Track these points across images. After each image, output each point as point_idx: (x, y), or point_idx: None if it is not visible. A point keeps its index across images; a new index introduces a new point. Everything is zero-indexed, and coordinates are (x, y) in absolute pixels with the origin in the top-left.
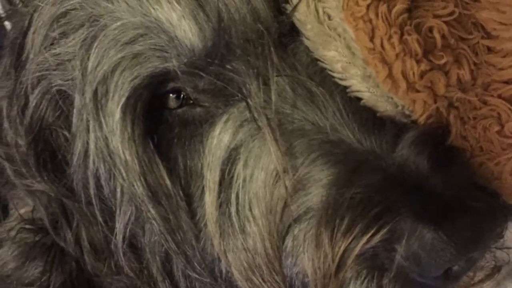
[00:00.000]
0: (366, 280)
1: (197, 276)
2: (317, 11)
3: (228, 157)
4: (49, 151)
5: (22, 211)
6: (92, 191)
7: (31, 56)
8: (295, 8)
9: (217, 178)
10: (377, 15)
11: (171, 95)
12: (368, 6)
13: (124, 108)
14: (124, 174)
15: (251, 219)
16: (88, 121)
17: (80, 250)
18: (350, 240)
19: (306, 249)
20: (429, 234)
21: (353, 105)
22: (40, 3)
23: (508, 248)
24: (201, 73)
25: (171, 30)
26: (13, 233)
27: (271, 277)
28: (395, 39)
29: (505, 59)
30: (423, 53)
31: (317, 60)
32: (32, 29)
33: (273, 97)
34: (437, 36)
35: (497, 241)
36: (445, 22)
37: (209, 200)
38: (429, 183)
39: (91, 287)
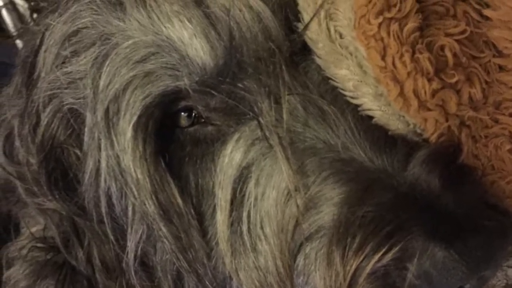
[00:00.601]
0: None
1: None
2: (328, 29)
3: (240, 175)
4: (60, 170)
5: (33, 229)
6: (103, 209)
7: (42, 74)
8: (306, 26)
9: (228, 197)
10: (388, 33)
11: (182, 113)
12: (379, 25)
13: (135, 127)
14: (135, 193)
15: (262, 237)
16: (99, 139)
17: (91, 269)
18: (361, 258)
19: (317, 267)
20: (441, 252)
21: (364, 123)
22: (51, 22)
23: None
24: (213, 92)
25: (182, 48)
26: (24, 251)
27: None
28: (407, 57)
29: None
30: (434, 72)
31: (329, 78)
32: (43, 48)
33: (284, 116)
34: (449, 54)
35: (509, 259)
36: (456, 40)
37: (221, 218)
38: (441, 202)
39: None
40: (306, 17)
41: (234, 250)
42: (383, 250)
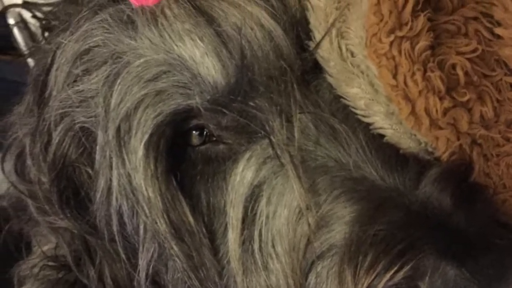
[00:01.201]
0: None
1: None
2: (340, 48)
3: (251, 194)
4: (72, 188)
5: (45, 248)
6: (115, 228)
7: (54, 93)
8: (318, 45)
9: (240, 215)
10: (400, 52)
11: (194, 132)
12: (391, 43)
13: (147, 145)
14: (147, 211)
15: (274, 256)
16: (111, 158)
17: (103, 287)
18: (373, 277)
19: (329, 286)
20: (452, 271)
21: (376, 142)
22: (63, 40)
23: None
24: (224, 110)
25: (194, 67)
26: (36, 270)
27: None
28: (418, 76)
29: None
30: (446, 90)
31: (340, 97)
32: (55, 66)
33: (296, 134)
34: (460, 73)
35: None
36: (468, 59)
37: (232, 237)
38: (452, 220)
39: None
40: (317, 35)
41: (245, 268)
42: (395, 268)
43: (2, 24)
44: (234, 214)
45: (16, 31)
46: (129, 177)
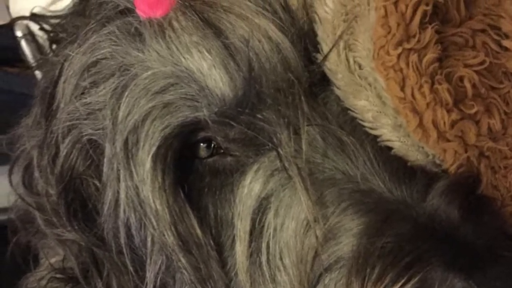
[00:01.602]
0: None
1: None
2: (348, 60)
3: (259, 206)
4: (79, 201)
5: (52, 260)
6: (122, 240)
7: (61, 105)
8: (325, 57)
9: (248, 228)
10: (407, 64)
11: (201, 144)
12: (399, 56)
13: (154, 158)
14: (154, 224)
15: (281, 268)
16: (118, 170)
17: None
18: None
19: None
20: (460, 283)
21: (383, 154)
22: (70, 53)
23: None
24: (232, 123)
25: (201, 79)
26: (43, 282)
27: None
28: (426, 88)
29: None
30: (453, 103)
31: (348, 109)
32: (62, 79)
33: (303, 147)
34: (468, 85)
35: None
36: (475, 71)
37: (240, 249)
38: (460, 233)
39: None
40: (325, 47)
41: (253, 281)
42: (402, 281)
43: (9, 36)
44: (241, 227)
45: (23, 43)
46: (136, 189)
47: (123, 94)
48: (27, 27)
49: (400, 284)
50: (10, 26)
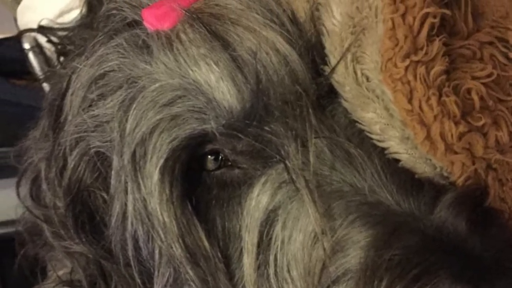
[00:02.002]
0: None
1: None
2: (355, 72)
3: (267, 218)
4: (87, 213)
5: (60, 272)
6: (130, 252)
7: (69, 117)
8: (333, 69)
9: (255, 240)
10: (415, 76)
11: (209, 156)
12: (406, 68)
13: (162, 170)
14: (162, 236)
15: (289, 280)
16: (126, 182)
17: None
18: None
19: None
20: None
21: (391, 166)
22: (78, 65)
23: None
24: (240, 135)
25: (209, 91)
26: None
27: None
28: (434, 100)
29: None
30: (461, 115)
31: (355, 121)
32: (70, 91)
33: (311, 159)
34: (475, 97)
35: None
36: (483, 83)
37: (248, 262)
38: (468, 245)
39: None
40: (332, 60)
41: None
42: None
43: (17, 48)
44: (249, 239)
45: (31, 55)
46: (144, 201)
47: (131, 106)
48: (35, 40)
49: None
50: (17, 39)
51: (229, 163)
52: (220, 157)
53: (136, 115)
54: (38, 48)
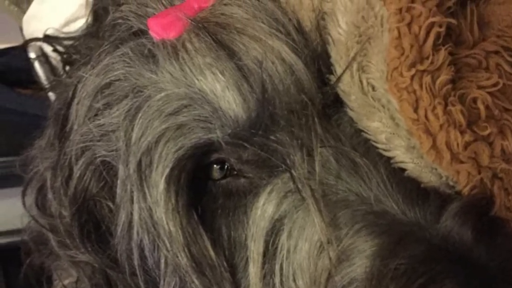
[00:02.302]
0: None
1: None
2: (361, 82)
3: (272, 228)
4: (93, 222)
5: (66, 282)
6: (136, 261)
7: (75, 127)
8: (339, 79)
9: (261, 249)
10: (421, 86)
11: (215, 166)
12: (412, 77)
13: (168, 179)
14: (168, 245)
15: None
16: (132, 192)
17: None
18: None
19: None
20: None
21: (397, 176)
22: (84, 74)
23: None
24: (245, 144)
25: (215, 101)
26: None
27: None
28: (439, 110)
29: None
30: (467, 124)
31: (361, 131)
32: (76, 100)
33: (317, 168)
34: (481, 107)
35: None
36: (489, 93)
37: (253, 271)
38: (473, 254)
39: None
40: (338, 69)
41: None
42: None
43: (23, 58)
44: (255, 248)
45: (37, 65)
46: (150, 211)
47: (137, 115)
48: (41, 49)
49: None
50: (23, 48)
51: (235, 172)
52: (226, 166)
53: (142, 124)
54: (43, 57)
